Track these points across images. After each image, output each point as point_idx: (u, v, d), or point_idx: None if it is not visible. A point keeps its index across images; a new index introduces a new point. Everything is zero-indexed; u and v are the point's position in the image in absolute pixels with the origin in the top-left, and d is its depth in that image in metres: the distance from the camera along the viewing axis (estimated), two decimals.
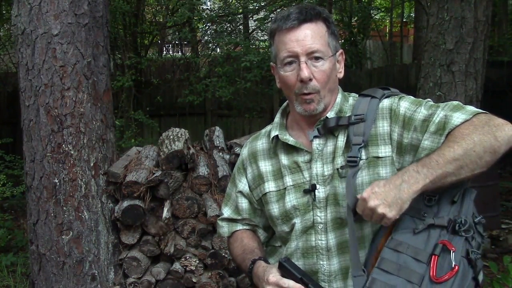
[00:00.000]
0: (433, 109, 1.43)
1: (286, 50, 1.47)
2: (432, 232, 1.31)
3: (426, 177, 1.30)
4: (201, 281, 3.43)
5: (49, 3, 3.28)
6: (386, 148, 1.47)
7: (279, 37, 1.50)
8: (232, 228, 1.75)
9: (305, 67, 1.46)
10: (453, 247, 1.27)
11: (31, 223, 3.43)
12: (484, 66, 4.00)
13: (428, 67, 4.08)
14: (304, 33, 1.46)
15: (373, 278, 1.31)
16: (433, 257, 1.27)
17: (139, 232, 3.46)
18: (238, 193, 1.71)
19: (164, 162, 3.46)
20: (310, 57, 1.47)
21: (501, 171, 7.58)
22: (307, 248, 1.54)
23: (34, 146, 3.35)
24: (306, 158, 1.55)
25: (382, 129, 1.48)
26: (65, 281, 3.34)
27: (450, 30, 3.91)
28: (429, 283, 1.25)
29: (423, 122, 1.42)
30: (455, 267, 1.24)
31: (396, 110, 1.47)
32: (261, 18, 9.60)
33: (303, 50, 1.46)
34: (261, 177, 1.64)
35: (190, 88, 7.93)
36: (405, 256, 1.30)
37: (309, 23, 1.47)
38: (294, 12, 1.47)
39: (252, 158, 1.68)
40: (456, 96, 3.94)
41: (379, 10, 12.49)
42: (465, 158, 1.30)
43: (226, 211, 1.76)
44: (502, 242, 5.10)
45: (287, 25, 1.46)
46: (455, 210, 1.34)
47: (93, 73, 3.42)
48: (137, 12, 8.81)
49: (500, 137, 1.32)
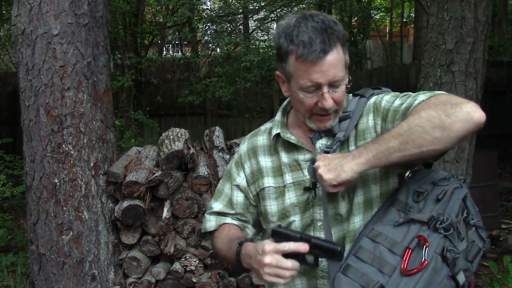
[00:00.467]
0: (404, 98, 1.46)
1: (309, 80, 1.43)
2: (412, 227, 1.32)
3: (370, 151, 1.34)
4: (201, 281, 3.43)
5: (49, 3, 3.28)
6: None
7: (300, 64, 1.43)
8: (220, 221, 1.71)
9: (328, 97, 1.45)
10: (427, 243, 1.28)
11: (31, 223, 3.43)
12: (484, 66, 4.00)
13: (428, 67, 4.07)
14: (328, 64, 1.42)
15: (347, 264, 1.34)
16: (407, 250, 1.28)
17: (139, 232, 3.46)
18: (235, 186, 1.69)
19: (164, 162, 3.46)
20: (330, 86, 1.45)
21: (501, 171, 7.59)
22: None
23: (34, 146, 3.35)
24: (307, 157, 1.56)
25: (367, 124, 1.52)
26: (65, 281, 3.34)
27: (450, 30, 3.91)
28: (399, 275, 1.27)
29: (394, 112, 1.45)
30: (424, 261, 1.26)
31: (378, 104, 1.51)
32: (261, 18, 9.60)
33: (326, 81, 1.43)
34: (260, 172, 1.64)
35: (190, 88, 7.93)
36: (381, 247, 1.32)
37: (331, 52, 1.42)
38: (317, 40, 1.40)
39: (252, 153, 1.67)
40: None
41: (379, 10, 12.49)
42: (409, 133, 1.30)
43: (217, 205, 1.73)
44: (502, 242, 5.10)
45: (312, 57, 1.40)
46: (439, 208, 1.35)
47: (93, 73, 3.42)
48: (137, 12, 8.80)
49: (453, 114, 1.29)
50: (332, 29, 1.43)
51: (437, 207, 1.35)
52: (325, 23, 1.43)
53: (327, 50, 1.40)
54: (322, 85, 1.44)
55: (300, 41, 1.41)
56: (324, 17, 1.45)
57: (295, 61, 1.43)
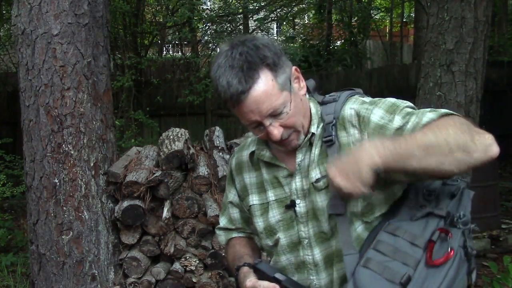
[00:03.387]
0: (407, 117, 1.36)
1: (247, 120, 1.38)
2: (430, 221, 1.30)
3: (389, 150, 1.25)
4: (201, 281, 3.43)
5: (49, 3, 3.28)
6: None
7: (232, 108, 1.38)
8: (228, 236, 1.75)
9: (273, 129, 1.37)
10: (450, 234, 1.25)
11: (31, 223, 3.43)
12: (484, 66, 4.00)
13: (428, 67, 4.07)
14: (254, 102, 1.33)
15: (368, 257, 1.28)
16: (430, 243, 1.25)
17: (139, 232, 3.46)
18: (229, 203, 1.70)
19: (164, 162, 3.46)
20: (272, 117, 1.37)
21: (501, 171, 7.59)
22: (298, 263, 1.52)
23: (34, 146, 3.35)
24: (285, 173, 1.51)
25: (353, 137, 1.42)
26: (65, 281, 3.34)
27: (450, 30, 3.91)
28: (425, 266, 1.23)
29: (396, 131, 1.35)
30: (451, 251, 1.22)
31: (365, 116, 1.40)
32: (261, 18, 9.61)
33: (262, 117, 1.36)
34: (246, 189, 1.61)
35: (190, 88, 7.93)
36: (402, 240, 1.28)
37: (254, 87, 1.32)
38: (233, 82, 1.32)
39: (238, 169, 1.64)
40: (456, 96, 3.94)
41: (379, 10, 12.51)
42: (435, 146, 1.23)
43: (222, 221, 1.76)
44: (502, 242, 5.10)
45: (233, 101, 1.34)
46: (453, 206, 1.33)
47: (93, 73, 3.42)
48: (137, 12, 8.80)
49: (478, 141, 1.25)
50: (250, 63, 1.33)
51: (451, 204, 1.33)
52: (246, 57, 1.33)
53: (245, 89, 1.32)
54: (261, 122, 1.37)
55: (222, 87, 1.34)
56: (247, 48, 1.35)
57: (229, 106, 1.39)
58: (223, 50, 1.39)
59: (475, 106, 4.04)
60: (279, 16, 10.94)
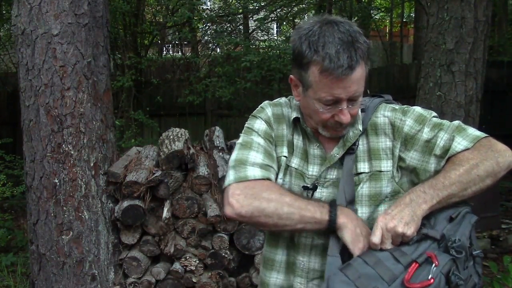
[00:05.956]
0: (435, 130, 1.45)
1: (330, 94, 1.38)
2: (423, 243, 1.32)
3: (433, 197, 1.34)
4: (201, 281, 3.43)
5: (49, 3, 3.28)
6: (387, 163, 1.49)
7: (323, 77, 1.36)
8: (266, 174, 1.46)
9: (347, 113, 1.42)
10: (436, 261, 1.27)
11: (31, 223, 3.43)
12: (484, 66, 4.00)
13: (428, 67, 4.07)
14: (352, 81, 1.36)
15: (349, 263, 1.31)
16: (413, 264, 1.27)
17: (139, 232, 3.46)
18: (267, 140, 1.53)
19: (164, 162, 3.46)
20: (350, 101, 1.41)
21: None
22: (293, 243, 1.52)
23: (34, 146, 3.35)
24: (316, 152, 1.53)
25: (384, 144, 1.50)
26: (65, 281, 3.34)
27: (450, 30, 3.91)
28: (400, 285, 1.25)
29: (426, 142, 1.45)
30: (430, 279, 1.24)
31: (399, 126, 1.49)
32: (261, 18, 9.61)
33: (347, 96, 1.39)
34: (281, 139, 1.56)
35: (190, 88, 7.93)
36: (388, 254, 1.30)
37: (357, 67, 1.36)
38: (344, 56, 1.33)
39: (277, 119, 1.58)
40: (456, 96, 3.95)
41: (379, 10, 12.51)
42: (469, 181, 1.36)
43: (256, 156, 1.48)
44: (502, 242, 5.10)
45: (338, 73, 1.33)
46: (451, 229, 1.35)
47: (93, 73, 3.42)
48: (137, 12, 8.80)
49: (502, 163, 1.39)
50: (358, 43, 1.36)
51: (449, 227, 1.35)
52: (352, 35, 1.36)
53: (354, 66, 1.34)
54: (342, 100, 1.40)
55: (326, 54, 1.34)
56: (350, 27, 1.38)
57: (318, 73, 1.36)
58: (317, 22, 1.39)
59: (475, 106, 4.04)
60: (279, 16, 10.93)
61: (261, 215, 1.38)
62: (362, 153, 1.51)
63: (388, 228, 1.31)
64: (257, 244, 3.46)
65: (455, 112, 3.91)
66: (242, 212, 1.38)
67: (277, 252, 1.56)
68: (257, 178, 1.43)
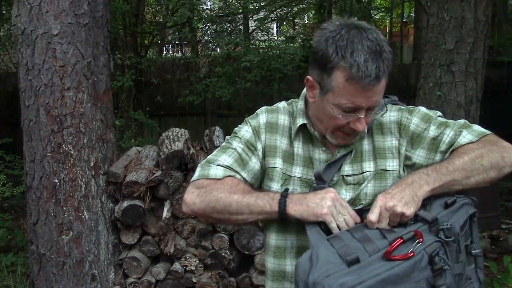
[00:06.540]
0: (442, 128, 1.47)
1: (352, 102, 1.36)
2: (413, 224, 1.31)
3: (436, 180, 1.34)
4: (201, 281, 3.43)
5: (49, 3, 3.28)
6: (393, 162, 1.49)
7: (348, 84, 1.34)
8: (227, 173, 1.50)
9: (363, 121, 1.40)
10: (421, 239, 1.25)
11: (31, 223, 3.43)
12: (484, 66, 4.00)
13: (428, 67, 4.07)
14: (375, 91, 1.35)
15: (337, 235, 1.29)
16: (398, 239, 1.25)
17: (139, 232, 3.46)
18: (251, 151, 1.55)
19: (164, 162, 3.46)
20: (369, 109, 1.40)
21: None
22: (299, 245, 1.52)
23: (34, 146, 3.35)
24: (322, 157, 1.51)
25: (390, 143, 1.50)
26: (65, 281, 3.34)
27: (450, 30, 3.91)
28: (380, 256, 1.23)
29: (432, 140, 1.47)
30: (410, 253, 1.23)
31: (406, 125, 1.50)
32: (261, 18, 9.61)
33: (368, 106, 1.38)
34: (274, 150, 1.54)
35: (190, 88, 7.93)
36: (376, 231, 1.29)
37: (382, 78, 1.34)
38: (373, 66, 1.31)
39: (269, 128, 1.56)
40: (456, 96, 3.95)
41: (379, 10, 12.51)
42: (473, 170, 1.37)
43: (225, 159, 1.53)
44: (502, 242, 5.10)
45: (365, 83, 1.31)
46: (445, 215, 1.33)
47: (93, 73, 3.42)
48: (137, 12, 8.81)
49: (507, 158, 1.40)
50: (385, 53, 1.34)
51: (443, 213, 1.33)
52: (380, 44, 1.34)
53: (381, 77, 1.33)
54: (362, 109, 1.38)
55: (355, 61, 1.31)
56: (377, 35, 1.36)
57: (344, 80, 1.33)
58: (344, 26, 1.36)
59: (475, 106, 4.04)
60: (279, 16, 10.93)
61: (213, 212, 1.45)
62: (367, 152, 1.51)
63: (387, 207, 1.30)
64: (257, 244, 3.45)
65: (455, 112, 3.91)
66: (195, 209, 1.48)
67: (287, 238, 1.54)
68: (218, 178, 1.48)
